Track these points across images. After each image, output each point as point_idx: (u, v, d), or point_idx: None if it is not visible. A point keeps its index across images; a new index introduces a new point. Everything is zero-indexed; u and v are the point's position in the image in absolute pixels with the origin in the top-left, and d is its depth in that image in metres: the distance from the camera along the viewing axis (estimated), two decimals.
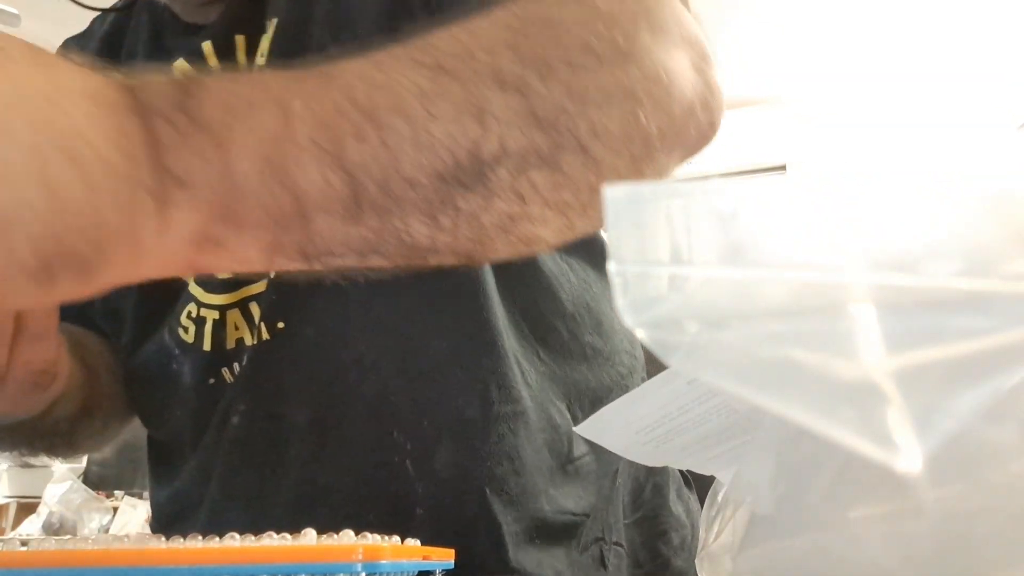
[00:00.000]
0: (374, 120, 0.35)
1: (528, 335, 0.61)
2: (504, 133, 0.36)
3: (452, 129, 0.36)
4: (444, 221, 0.37)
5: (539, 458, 0.58)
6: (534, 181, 0.38)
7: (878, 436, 0.16)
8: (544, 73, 0.38)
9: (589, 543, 0.60)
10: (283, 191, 0.33)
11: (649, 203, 0.20)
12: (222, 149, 0.32)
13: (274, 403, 0.58)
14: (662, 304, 0.19)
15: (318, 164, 0.34)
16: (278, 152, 0.33)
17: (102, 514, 2.98)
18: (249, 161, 0.33)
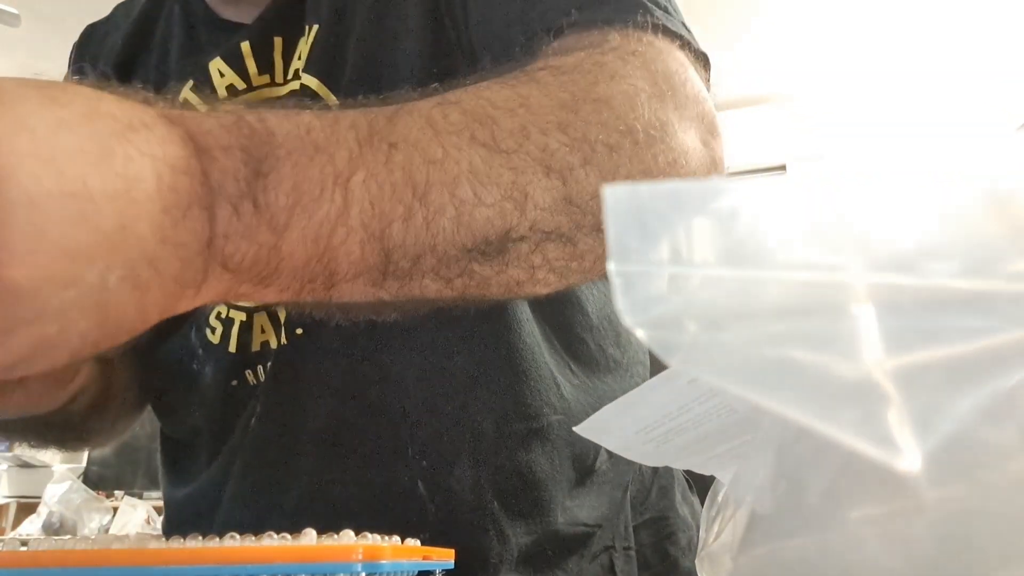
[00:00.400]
0: (425, 202, 0.36)
1: (560, 349, 0.60)
2: (538, 216, 0.38)
3: (493, 214, 0.37)
4: (456, 284, 0.39)
5: (558, 472, 0.58)
6: (548, 254, 0.40)
7: (878, 436, 0.16)
8: (587, 157, 0.40)
9: (599, 552, 0.60)
10: (321, 266, 0.35)
11: (649, 203, 0.20)
12: (276, 234, 0.33)
13: (290, 409, 0.58)
14: (662, 304, 0.19)
15: (360, 244, 0.35)
16: (329, 236, 0.34)
17: (102, 514, 2.98)
18: (299, 244, 0.34)
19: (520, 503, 0.56)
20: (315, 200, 0.34)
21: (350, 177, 0.35)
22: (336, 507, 0.56)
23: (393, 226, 0.35)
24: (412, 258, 0.36)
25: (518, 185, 0.38)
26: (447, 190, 0.36)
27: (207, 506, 0.61)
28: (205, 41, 0.66)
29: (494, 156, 0.38)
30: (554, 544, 0.57)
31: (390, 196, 0.35)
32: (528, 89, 0.41)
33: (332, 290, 0.36)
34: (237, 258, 0.32)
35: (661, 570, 0.63)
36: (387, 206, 0.35)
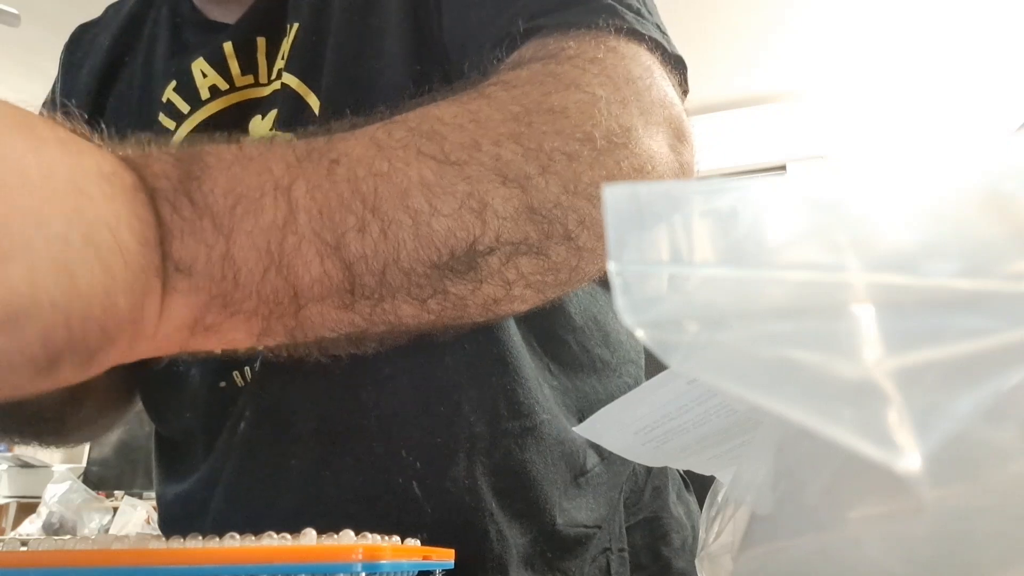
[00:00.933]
0: (377, 213, 0.35)
1: (539, 351, 0.60)
2: (501, 227, 0.38)
3: (453, 224, 0.37)
4: (432, 305, 0.38)
5: (552, 472, 0.58)
6: (521, 267, 0.39)
7: (878, 436, 0.16)
8: (544, 165, 0.39)
9: (597, 554, 0.60)
10: (282, 281, 0.34)
11: (649, 203, 0.20)
12: (224, 237, 0.33)
13: (281, 411, 0.58)
14: (662, 304, 0.19)
15: (318, 256, 0.34)
16: (280, 243, 0.33)
17: (102, 514, 2.98)
18: (251, 251, 0.33)
19: (517, 503, 0.56)
20: (256, 203, 0.33)
21: (290, 185, 0.34)
22: (331, 509, 0.55)
23: (348, 236, 0.35)
24: (377, 273, 0.35)
25: (474, 195, 0.37)
26: (399, 201, 0.36)
27: (197, 506, 0.61)
28: (190, 41, 0.66)
29: (445, 168, 0.37)
30: (553, 545, 0.57)
31: (338, 206, 0.35)
32: (477, 104, 0.40)
33: (301, 313, 0.35)
34: (188, 259, 0.32)
35: (654, 571, 0.63)
36: (336, 216, 0.35)
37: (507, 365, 0.57)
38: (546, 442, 0.58)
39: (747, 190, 0.20)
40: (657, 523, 0.65)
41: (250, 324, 0.35)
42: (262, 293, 0.34)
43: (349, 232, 0.35)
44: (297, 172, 0.35)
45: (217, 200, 0.33)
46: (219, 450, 0.60)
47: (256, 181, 0.34)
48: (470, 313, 0.40)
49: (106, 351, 0.30)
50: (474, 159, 0.38)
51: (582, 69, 0.43)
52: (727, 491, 0.32)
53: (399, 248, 0.36)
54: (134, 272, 0.30)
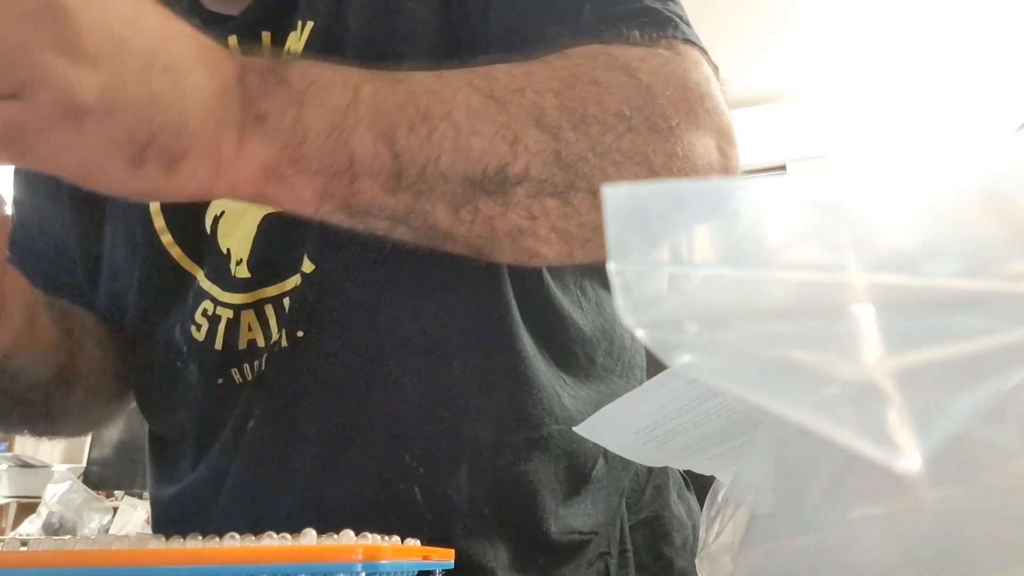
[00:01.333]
0: (426, 120, 0.42)
1: (551, 362, 0.60)
2: (530, 162, 0.43)
3: (488, 146, 0.43)
4: (464, 215, 0.44)
5: (554, 483, 0.58)
6: (546, 206, 0.44)
7: (878, 436, 0.16)
8: (577, 125, 0.44)
9: (594, 559, 0.59)
10: (341, 150, 0.41)
11: (649, 203, 0.20)
12: (298, 104, 0.40)
13: (288, 411, 0.57)
14: (662, 304, 0.19)
15: (372, 138, 0.41)
16: (342, 120, 0.41)
17: (102, 514, 2.97)
18: (319, 120, 0.41)
19: (512, 511, 0.56)
20: (327, 88, 0.41)
21: (358, 84, 0.42)
22: (332, 512, 0.55)
23: (399, 131, 0.42)
24: (419, 167, 0.42)
25: (510, 127, 0.43)
26: (445, 115, 0.42)
27: (198, 506, 0.60)
28: None
29: (489, 101, 0.43)
30: (547, 552, 0.57)
31: (394, 107, 0.42)
32: (532, 65, 0.46)
33: (354, 185, 0.42)
34: (265, 112, 0.40)
35: (656, 570, 0.63)
36: (392, 114, 0.42)
37: (519, 375, 0.57)
38: (552, 453, 0.58)
39: (747, 190, 0.20)
40: (658, 522, 0.65)
41: (314, 184, 0.42)
42: (324, 157, 0.41)
43: (400, 128, 0.42)
44: (367, 78, 0.43)
45: (295, 80, 0.41)
46: (223, 448, 0.60)
47: (330, 76, 0.42)
48: (498, 237, 0.45)
49: (185, 162, 0.38)
50: (515, 101, 0.44)
51: (639, 59, 0.47)
52: (727, 491, 0.32)
53: (440, 153, 0.42)
54: (206, 105, 0.37)
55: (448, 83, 0.44)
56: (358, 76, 0.43)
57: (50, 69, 0.33)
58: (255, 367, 0.59)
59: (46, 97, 0.33)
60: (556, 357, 0.61)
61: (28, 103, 0.33)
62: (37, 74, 0.33)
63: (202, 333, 0.61)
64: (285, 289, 0.59)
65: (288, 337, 0.57)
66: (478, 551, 0.55)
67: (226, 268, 0.61)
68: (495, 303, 0.57)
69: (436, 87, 0.43)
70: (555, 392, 0.59)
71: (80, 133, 0.34)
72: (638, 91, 0.46)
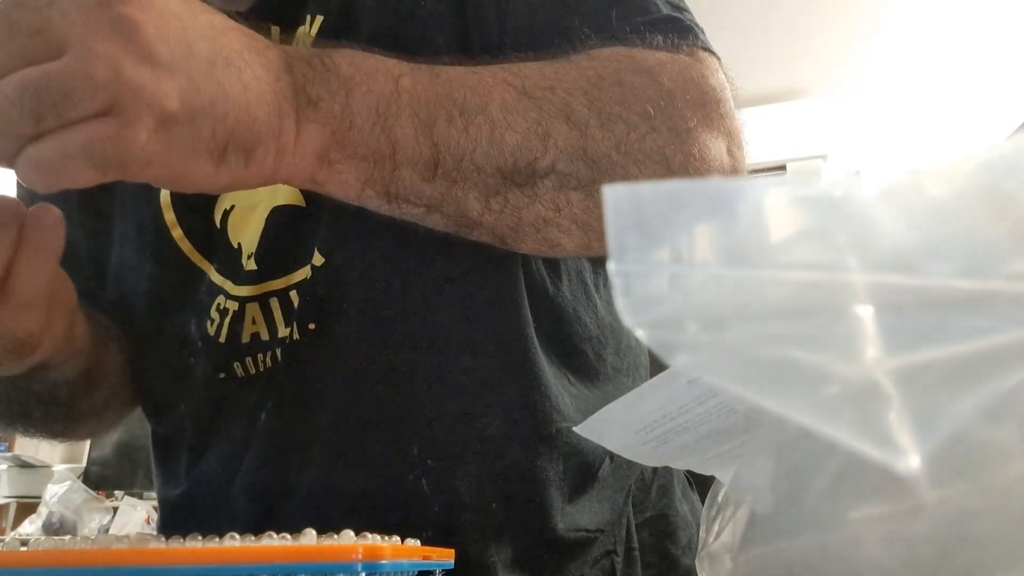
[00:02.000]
0: (464, 113, 0.45)
1: (557, 360, 0.61)
2: (558, 157, 0.46)
3: (520, 140, 0.45)
4: (494, 204, 0.46)
5: (562, 479, 0.58)
6: (570, 199, 0.47)
7: (878, 436, 0.16)
8: (604, 123, 0.47)
9: (600, 556, 0.59)
10: (385, 138, 0.43)
11: (649, 203, 0.20)
12: (346, 90, 0.43)
13: (301, 404, 0.57)
14: (662, 304, 0.19)
15: (413, 128, 0.44)
16: (386, 108, 0.43)
17: (102, 514, 2.97)
18: (364, 107, 0.43)
19: (520, 507, 0.56)
20: (371, 76, 0.44)
21: (399, 76, 0.44)
22: (341, 503, 0.55)
23: (438, 122, 0.44)
24: (456, 158, 0.44)
25: (542, 123, 0.46)
26: (481, 110, 0.45)
27: (212, 502, 0.60)
28: None
29: (522, 97, 0.46)
30: (553, 549, 0.57)
31: (434, 99, 0.44)
32: (561, 64, 0.48)
33: (396, 172, 0.44)
34: (317, 97, 0.42)
35: (661, 568, 0.63)
36: (432, 106, 0.44)
37: (527, 371, 0.57)
38: (560, 450, 0.58)
39: (747, 190, 0.20)
40: (664, 521, 0.65)
41: (359, 169, 0.44)
42: (369, 143, 0.43)
43: (439, 119, 0.44)
44: (407, 70, 0.45)
45: (342, 67, 0.43)
46: (235, 443, 0.60)
47: (373, 66, 0.44)
48: (523, 226, 0.48)
49: (258, 151, 0.40)
50: (547, 98, 0.46)
51: (662, 64, 0.50)
52: (727, 491, 0.32)
53: (476, 145, 0.45)
54: (267, 94, 0.40)
55: (484, 79, 0.46)
56: (398, 67, 0.45)
57: (136, 82, 0.35)
58: (259, 361, 0.59)
59: (137, 110, 0.35)
60: (565, 355, 0.61)
61: (121, 119, 0.35)
62: (125, 88, 0.34)
63: (213, 328, 0.61)
64: (292, 282, 0.59)
65: (300, 330, 0.58)
66: (484, 546, 0.55)
67: (238, 263, 0.61)
68: (505, 298, 0.57)
69: (473, 82, 0.45)
70: (563, 389, 0.59)
71: (170, 141, 0.36)
72: (661, 94, 0.48)
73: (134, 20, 0.35)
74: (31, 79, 0.34)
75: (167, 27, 0.36)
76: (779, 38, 3.26)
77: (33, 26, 0.34)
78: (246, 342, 0.60)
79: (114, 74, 0.34)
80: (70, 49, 0.34)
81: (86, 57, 0.34)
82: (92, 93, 0.34)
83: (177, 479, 0.64)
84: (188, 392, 0.62)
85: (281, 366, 0.58)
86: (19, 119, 0.34)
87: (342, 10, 0.60)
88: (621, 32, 0.53)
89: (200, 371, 0.61)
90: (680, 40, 0.53)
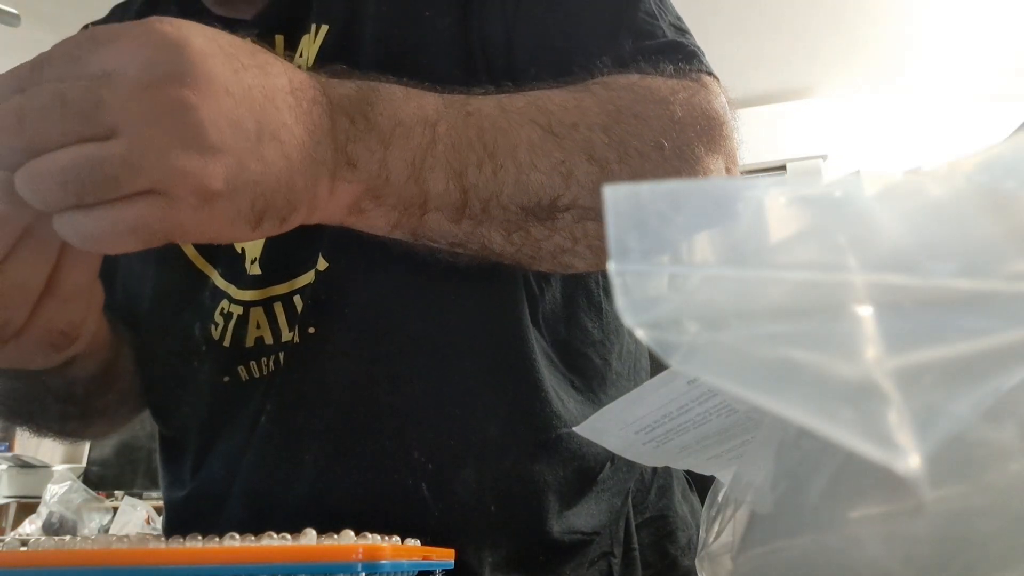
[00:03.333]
0: (493, 157, 0.47)
1: (561, 366, 0.61)
2: (579, 193, 0.48)
3: (545, 180, 0.47)
4: (515, 239, 0.49)
5: (561, 484, 0.58)
6: (587, 229, 0.49)
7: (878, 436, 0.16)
8: (622, 156, 0.49)
9: (596, 558, 0.60)
10: (418, 189, 0.45)
11: (649, 203, 0.20)
12: (384, 148, 0.44)
13: (298, 407, 0.58)
14: (662, 304, 0.19)
15: (445, 176, 0.46)
16: (421, 161, 0.45)
17: (102, 514, 2.97)
18: (401, 161, 0.45)
19: (517, 510, 0.56)
20: (410, 129, 0.45)
21: (436, 122, 0.46)
22: (339, 506, 0.55)
23: (469, 168, 0.46)
24: (483, 201, 0.46)
25: (565, 163, 0.48)
26: (510, 153, 0.47)
27: (212, 504, 0.60)
28: None
29: (548, 137, 0.48)
30: (548, 551, 0.57)
31: (466, 146, 0.46)
32: (582, 96, 0.51)
33: (425, 216, 0.46)
34: (355, 158, 0.43)
35: (660, 569, 0.63)
36: (463, 152, 0.46)
37: (527, 376, 0.58)
38: (561, 455, 0.58)
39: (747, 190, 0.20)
40: (663, 522, 0.65)
41: (389, 216, 0.46)
42: (403, 194, 0.45)
43: (470, 166, 0.46)
44: (442, 114, 0.46)
45: (383, 122, 0.44)
46: (236, 446, 0.60)
47: (412, 114, 0.46)
48: (542, 255, 0.50)
49: (293, 216, 0.42)
50: (570, 136, 0.48)
51: (672, 92, 0.53)
52: (727, 491, 0.32)
53: (502, 187, 0.47)
54: (307, 162, 0.41)
55: (512, 118, 0.48)
56: (435, 112, 0.46)
57: (184, 169, 0.36)
58: (263, 365, 0.60)
59: (184, 190, 0.36)
60: (567, 360, 0.61)
61: (166, 199, 0.36)
62: (173, 172, 0.35)
63: (218, 332, 0.61)
64: (296, 287, 0.59)
65: (300, 334, 0.58)
66: (479, 547, 0.55)
67: (241, 267, 0.61)
68: (506, 304, 0.58)
69: (502, 123, 0.48)
70: (564, 395, 0.59)
71: (211, 215, 0.38)
72: (672, 124, 0.51)
73: (188, 104, 0.36)
74: (79, 162, 0.34)
75: (219, 108, 0.37)
76: (779, 38, 3.26)
77: (84, 105, 0.34)
78: (250, 346, 0.60)
79: (162, 162, 0.35)
80: (120, 132, 0.35)
81: (135, 145, 0.35)
82: (135, 179, 0.35)
83: (182, 481, 0.64)
84: (193, 396, 0.63)
85: (283, 370, 0.59)
86: (61, 197, 0.35)
87: (347, 22, 0.61)
88: (633, 59, 0.55)
89: (205, 375, 0.62)
90: (687, 66, 0.56)
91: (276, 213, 0.41)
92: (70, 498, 2.93)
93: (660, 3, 0.61)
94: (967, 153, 0.20)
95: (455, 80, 0.58)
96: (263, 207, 0.40)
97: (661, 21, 0.59)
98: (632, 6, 0.58)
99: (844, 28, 3.18)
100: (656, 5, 0.60)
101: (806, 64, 3.48)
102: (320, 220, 0.45)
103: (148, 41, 0.36)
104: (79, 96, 0.35)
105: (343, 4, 0.61)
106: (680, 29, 0.60)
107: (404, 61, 0.58)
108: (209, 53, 0.38)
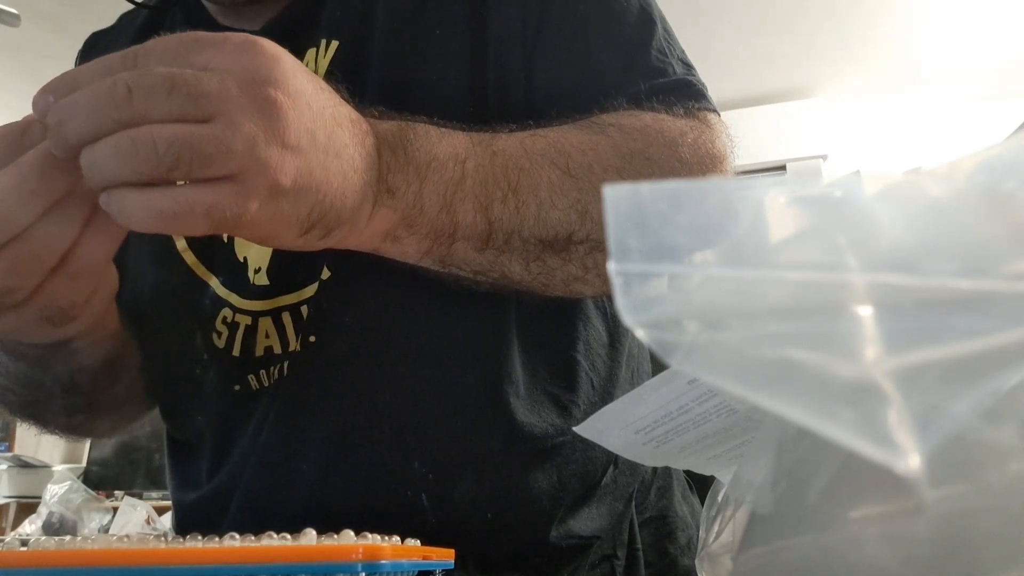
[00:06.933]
0: (516, 194, 0.51)
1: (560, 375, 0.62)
2: (592, 228, 0.52)
3: (563, 217, 0.51)
4: (532, 268, 0.52)
5: (559, 490, 0.59)
6: (597, 260, 0.53)
7: (878, 436, 0.16)
8: None
9: (598, 561, 0.60)
10: (448, 220, 0.49)
11: (649, 203, 0.20)
12: (420, 179, 0.48)
13: (296, 415, 0.58)
14: (662, 304, 0.19)
15: (473, 209, 0.50)
16: (452, 194, 0.49)
17: (102, 514, 2.98)
18: (434, 194, 0.48)
19: (516, 516, 0.57)
20: (443, 164, 0.49)
21: (465, 160, 0.50)
22: (337, 514, 0.56)
23: (494, 203, 0.50)
24: (506, 233, 0.50)
25: (581, 201, 0.52)
26: (532, 191, 0.51)
27: (217, 510, 0.61)
28: None
29: (566, 178, 0.52)
30: (545, 555, 0.58)
31: (492, 182, 0.50)
32: (598, 139, 0.55)
33: (453, 245, 0.50)
34: (395, 187, 0.47)
35: (660, 568, 0.64)
36: (490, 188, 0.50)
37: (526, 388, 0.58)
38: (561, 463, 0.59)
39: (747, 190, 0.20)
40: (663, 522, 0.66)
41: (421, 244, 0.50)
42: (435, 224, 0.49)
43: (496, 201, 0.50)
44: (471, 152, 0.51)
45: (420, 156, 0.48)
46: (239, 454, 0.61)
47: (445, 151, 0.49)
48: (555, 283, 0.54)
49: (336, 232, 0.45)
50: (586, 177, 0.52)
51: (681, 135, 0.57)
52: (727, 491, 0.32)
53: (523, 222, 0.51)
54: (359, 183, 0.45)
55: (534, 159, 0.52)
56: (465, 150, 0.50)
57: (265, 159, 0.39)
58: (271, 374, 0.60)
59: (257, 182, 0.39)
60: (567, 369, 0.62)
61: (243, 185, 0.39)
62: (255, 163, 0.39)
63: (222, 340, 0.62)
64: (303, 297, 0.60)
65: (301, 343, 0.58)
66: (475, 549, 0.55)
67: (244, 276, 0.62)
68: (500, 318, 0.59)
69: (525, 163, 0.52)
70: (566, 403, 0.60)
71: (274, 211, 0.41)
72: (680, 165, 0.55)
73: (279, 105, 0.40)
74: (180, 136, 0.37)
75: (302, 115, 0.41)
76: (779, 38, 3.26)
77: (192, 90, 0.38)
78: (260, 355, 0.61)
79: (250, 149, 0.38)
80: (218, 118, 0.38)
81: (231, 130, 0.38)
82: (227, 161, 0.38)
83: (195, 484, 0.65)
84: (203, 403, 0.63)
85: (286, 378, 0.59)
86: (154, 164, 0.37)
87: (357, 37, 0.62)
88: (647, 98, 0.59)
89: (215, 383, 0.62)
90: (695, 104, 0.60)
91: (325, 224, 0.43)
92: (70, 498, 2.94)
93: (668, 39, 0.65)
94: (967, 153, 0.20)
95: (461, 101, 0.60)
96: (318, 216, 0.43)
97: (671, 58, 0.63)
98: (645, 45, 0.62)
99: (844, 28, 3.18)
100: (665, 41, 0.64)
101: (806, 64, 3.47)
102: (355, 245, 0.48)
103: (251, 48, 0.40)
104: (188, 80, 0.38)
105: (353, 20, 0.63)
106: (687, 64, 0.64)
107: (411, 80, 0.60)
108: (299, 70, 0.42)
